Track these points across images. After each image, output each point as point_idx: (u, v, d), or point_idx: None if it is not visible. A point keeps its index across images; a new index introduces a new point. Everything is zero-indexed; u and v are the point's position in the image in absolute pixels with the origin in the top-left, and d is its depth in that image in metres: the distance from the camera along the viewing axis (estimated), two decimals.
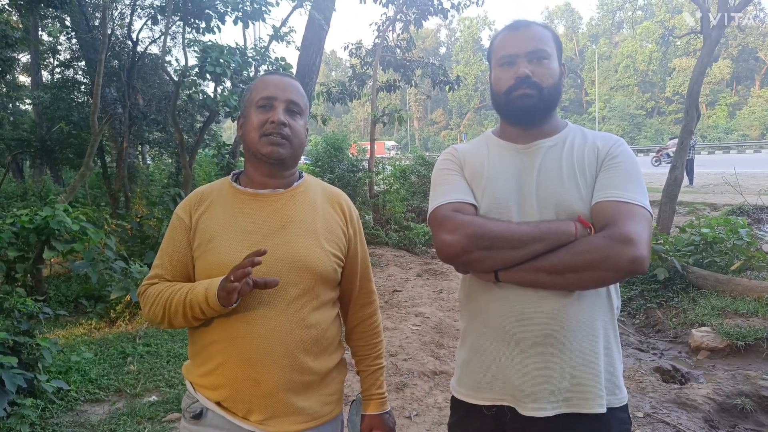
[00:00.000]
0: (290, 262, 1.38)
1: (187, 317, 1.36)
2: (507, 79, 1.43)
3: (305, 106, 1.49)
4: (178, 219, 1.47)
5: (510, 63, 1.44)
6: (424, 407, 3.57)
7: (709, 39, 7.68)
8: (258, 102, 1.44)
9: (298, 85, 1.50)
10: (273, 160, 1.43)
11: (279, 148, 1.41)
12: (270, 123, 1.40)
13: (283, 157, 1.43)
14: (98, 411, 3.51)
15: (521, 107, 1.43)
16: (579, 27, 78.30)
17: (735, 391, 3.69)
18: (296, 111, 1.46)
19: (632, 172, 1.38)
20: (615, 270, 1.24)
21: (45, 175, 16.20)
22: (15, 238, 4.76)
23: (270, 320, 1.35)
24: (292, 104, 1.44)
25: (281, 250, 1.39)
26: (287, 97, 1.44)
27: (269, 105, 1.43)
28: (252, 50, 7.29)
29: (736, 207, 10.81)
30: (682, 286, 5.72)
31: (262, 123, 1.41)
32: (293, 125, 1.44)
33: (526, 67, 1.41)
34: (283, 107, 1.43)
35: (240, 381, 1.35)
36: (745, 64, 58.86)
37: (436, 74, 12.57)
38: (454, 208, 1.40)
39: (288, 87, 1.46)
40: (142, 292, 1.47)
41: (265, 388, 1.36)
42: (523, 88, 1.41)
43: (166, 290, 1.40)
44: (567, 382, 1.33)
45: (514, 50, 1.43)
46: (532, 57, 1.41)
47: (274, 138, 1.40)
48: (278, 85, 1.45)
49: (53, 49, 13.02)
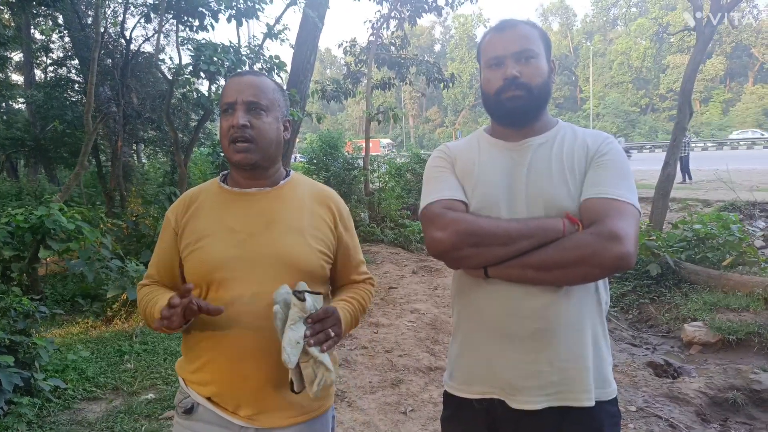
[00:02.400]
0: (276, 260, 1.40)
1: (152, 324, 1.42)
2: (496, 81, 1.44)
3: (272, 101, 1.46)
4: (167, 221, 1.51)
5: (498, 64, 1.45)
6: (420, 403, 3.60)
7: (702, 36, 7.73)
8: (222, 108, 1.45)
9: (260, 82, 1.46)
10: (245, 166, 1.44)
11: (247, 153, 1.41)
12: (232, 128, 1.41)
13: (253, 161, 1.43)
14: (95, 409, 3.52)
15: (511, 108, 1.44)
16: (573, 24, 78.33)
17: (726, 385, 3.73)
18: (260, 109, 1.43)
19: (621, 169, 1.39)
20: (601, 266, 1.26)
21: (40, 174, 16.14)
22: (10, 237, 4.76)
23: (256, 317, 1.36)
24: (252, 104, 1.42)
25: (267, 248, 1.40)
26: (245, 99, 1.42)
27: (231, 109, 1.42)
28: (246, 48, 7.28)
29: (729, 203, 10.89)
30: (674, 281, 5.77)
31: (227, 129, 1.42)
32: (257, 124, 1.42)
33: (513, 67, 1.42)
34: (243, 108, 1.41)
35: (228, 377, 1.38)
36: (738, 61, 59.08)
37: (430, 72, 12.58)
38: (445, 205, 1.41)
39: (246, 87, 1.43)
40: (138, 292, 1.55)
41: (253, 384, 1.38)
42: (511, 89, 1.42)
43: (147, 296, 1.47)
44: (556, 376, 1.35)
45: (501, 51, 1.44)
46: (519, 57, 1.42)
47: (239, 145, 1.40)
48: (236, 88, 1.43)
49: (46, 48, 12.94)
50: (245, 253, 1.40)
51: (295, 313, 1.26)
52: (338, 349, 4.51)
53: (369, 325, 5.09)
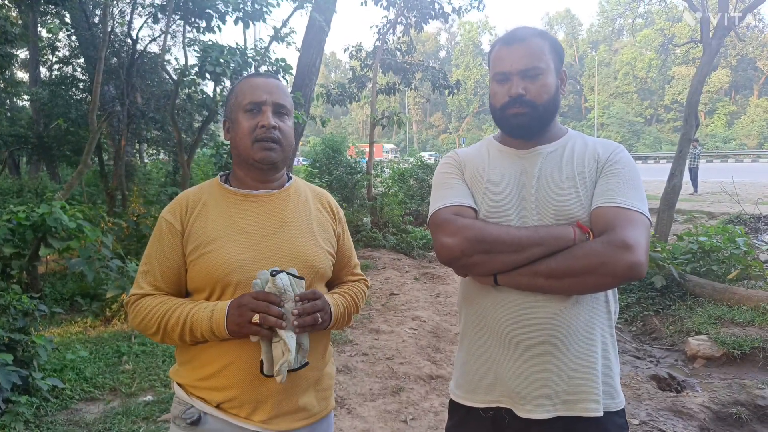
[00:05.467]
0: (291, 260, 1.39)
1: (184, 338, 1.35)
2: (501, 96, 1.45)
3: (291, 106, 1.50)
4: (168, 224, 1.42)
5: (504, 80, 1.44)
6: (420, 411, 3.55)
7: (708, 48, 7.70)
8: (246, 106, 1.42)
9: (283, 86, 1.49)
10: (266, 165, 1.43)
11: (271, 153, 1.41)
12: (261, 127, 1.40)
13: (276, 161, 1.43)
14: (93, 410, 3.49)
15: (515, 125, 1.45)
16: (579, 33, 78.55)
17: (731, 399, 3.69)
18: (284, 112, 1.45)
19: (632, 178, 1.38)
20: (612, 275, 1.25)
21: (41, 171, 16.16)
22: (11, 234, 4.74)
23: None
24: (280, 106, 1.44)
25: (283, 249, 1.40)
26: (274, 100, 1.43)
27: (257, 109, 1.42)
28: (252, 50, 7.28)
29: (734, 216, 10.85)
30: (679, 294, 5.72)
31: (252, 128, 1.41)
32: (282, 127, 1.44)
33: (519, 85, 1.41)
34: (272, 110, 1.42)
35: (249, 381, 1.35)
36: (743, 74, 59.13)
37: (435, 78, 12.59)
38: (455, 211, 1.40)
39: (274, 89, 1.45)
40: (131, 303, 1.41)
41: (273, 387, 1.36)
42: (516, 106, 1.42)
43: (163, 305, 1.36)
44: (564, 386, 1.34)
45: (508, 67, 1.43)
46: (525, 75, 1.41)
47: (266, 143, 1.40)
48: (264, 88, 1.43)
49: (52, 46, 12.98)
50: (260, 254, 1.38)
51: (270, 290, 1.27)
52: (338, 354, 4.48)
53: (370, 331, 5.05)
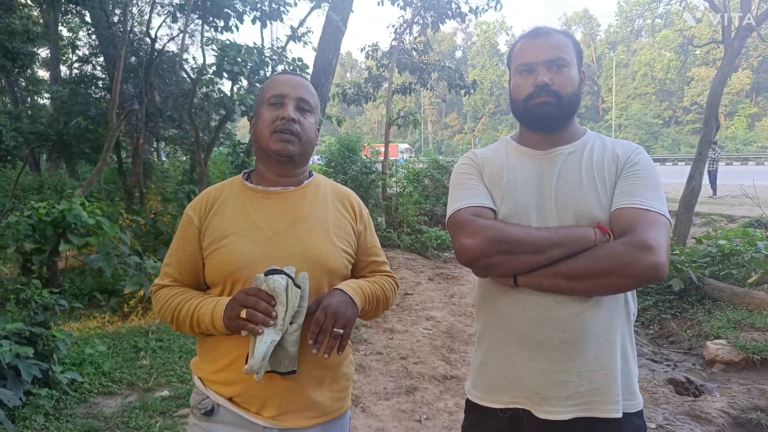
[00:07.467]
0: (302, 258, 1.39)
1: (194, 330, 1.40)
2: (526, 87, 1.44)
3: (315, 104, 1.51)
4: (188, 219, 1.48)
5: (529, 71, 1.44)
6: (435, 411, 3.55)
7: (730, 49, 7.60)
8: (269, 99, 1.46)
9: (308, 84, 1.52)
10: (283, 157, 1.44)
11: (288, 145, 1.42)
12: (280, 119, 1.42)
13: (293, 154, 1.44)
14: (111, 404, 3.54)
15: (540, 115, 1.44)
16: (597, 34, 77.78)
17: (750, 405, 3.63)
18: (306, 109, 1.47)
19: (651, 179, 1.38)
20: (634, 276, 1.24)
21: (61, 169, 16.39)
22: (32, 230, 4.82)
23: None
24: (302, 102, 1.46)
25: (294, 247, 1.40)
26: (297, 95, 1.45)
27: (280, 102, 1.45)
28: (269, 50, 7.32)
29: (754, 219, 10.67)
30: (697, 297, 5.65)
31: (272, 120, 1.43)
32: (303, 122, 1.45)
33: (545, 75, 1.41)
34: (294, 104, 1.44)
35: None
36: (765, 75, 58.02)
37: (452, 78, 12.55)
38: (474, 212, 1.40)
39: (298, 85, 1.48)
40: (154, 292, 1.50)
41: (281, 383, 1.36)
42: (542, 96, 1.41)
43: (176, 297, 1.42)
44: (584, 387, 1.33)
45: (533, 58, 1.43)
46: (551, 65, 1.42)
47: (284, 135, 1.42)
48: (289, 84, 1.47)
49: (72, 45, 13.16)
50: (271, 251, 1.39)
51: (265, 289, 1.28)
52: (353, 353, 4.49)
53: (384, 330, 5.05)
